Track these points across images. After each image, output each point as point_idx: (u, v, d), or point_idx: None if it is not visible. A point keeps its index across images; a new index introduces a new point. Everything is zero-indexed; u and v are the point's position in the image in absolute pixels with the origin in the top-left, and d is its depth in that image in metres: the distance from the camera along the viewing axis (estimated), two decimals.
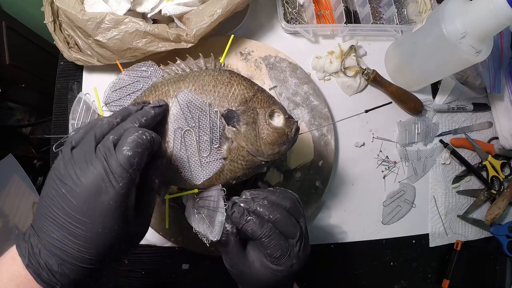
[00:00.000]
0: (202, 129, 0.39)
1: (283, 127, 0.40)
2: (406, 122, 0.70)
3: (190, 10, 0.56)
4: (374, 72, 0.68)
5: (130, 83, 0.44)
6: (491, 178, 0.72)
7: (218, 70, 0.43)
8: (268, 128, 0.40)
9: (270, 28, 0.69)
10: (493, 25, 0.49)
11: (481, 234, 0.73)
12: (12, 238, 0.89)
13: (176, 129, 0.39)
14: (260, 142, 0.40)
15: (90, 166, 0.30)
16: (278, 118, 0.41)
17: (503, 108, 0.72)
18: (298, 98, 0.64)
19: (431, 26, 0.57)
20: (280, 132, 0.40)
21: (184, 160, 0.39)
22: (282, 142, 0.40)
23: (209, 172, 0.40)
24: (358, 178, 0.67)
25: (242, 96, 0.40)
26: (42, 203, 0.31)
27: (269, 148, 0.40)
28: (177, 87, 0.41)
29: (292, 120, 0.42)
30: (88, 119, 0.46)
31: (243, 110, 0.40)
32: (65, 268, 0.30)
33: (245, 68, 0.64)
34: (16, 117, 1.02)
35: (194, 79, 0.41)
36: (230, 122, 0.39)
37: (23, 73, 0.94)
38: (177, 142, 0.39)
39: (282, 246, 0.37)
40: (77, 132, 0.33)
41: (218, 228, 0.37)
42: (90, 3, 0.55)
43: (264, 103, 0.41)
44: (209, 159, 0.39)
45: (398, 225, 0.68)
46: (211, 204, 0.39)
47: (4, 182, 0.88)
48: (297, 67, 0.65)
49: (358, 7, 0.72)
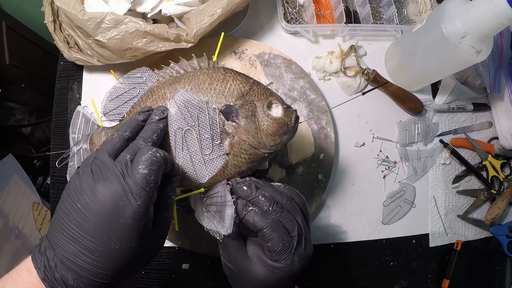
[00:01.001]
0: (202, 127, 0.39)
1: (282, 117, 0.40)
2: (406, 122, 0.70)
3: (190, 10, 0.56)
4: (374, 72, 0.68)
5: (126, 91, 0.44)
6: (491, 178, 0.72)
7: (212, 68, 0.43)
8: (268, 119, 0.40)
9: (270, 28, 0.69)
10: (493, 25, 0.49)
11: (481, 234, 0.73)
12: (12, 238, 0.89)
13: (177, 130, 0.39)
14: (261, 134, 0.40)
15: (107, 183, 0.30)
16: (277, 109, 0.41)
17: (503, 108, 0.72)
18: (295, 93, 0.64)
19: (431, 26, 0.57)
20: (280, 122, 0.40)
21: (188, 160, 0.39)
22: (283, 132, 0.40)
23: (214, 169, 0.40)
24: (358, 178, 0.67)
25: (239, 91, 0.40)
26: (58, 217, 0.31)
27: (270, 139, 0.40)
28: (173, 88, 0.41)
29: (290, 109, 0.42)
30: (88, 131, 0.46)
31: (241, 104, 0.40)
32: (81, 282, 0.30)
33: (240, 67, 0.64)
34: (16, 117, 1.02)
35: (189, 79, 0.41)
36: (230, 117, 0.39)
37: (23, 73, 0.95)
38: (179, 143, 0.39)
39: (284, 240, 0.36)
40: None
41: (229, 222, 0.37)
42: (90, 3, 0.55)
43: (261, 95, 0.41)
44: (212, 156, 0.39)
45: (398, 225, 0.68)
46: (219, 200, 0.39)
47: (4, 182, 0.88)
48: (291, 62, 0.65)
49: (358, 7, 0.72)
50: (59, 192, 0.63)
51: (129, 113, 0.43)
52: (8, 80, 0.89)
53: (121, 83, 0.44)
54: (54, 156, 0.64)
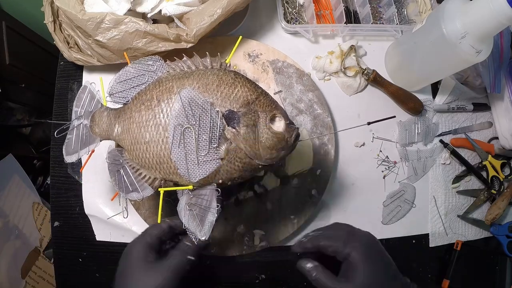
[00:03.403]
0: (202, 128, 0.39)
1: (283, 132, 0.40)
2: (406, 122, 0.70)
3: (190, 10, 0.56)
4: (374, 72, 0.68)
5: (135, 76, 0.43)
6: (491, 178, 0.72)
7: (224, 70, 0.42)
8: (268, 132, 0.40)
9: (270, 28, 0.69)
10: (493, 25, 0.49)
11: (481, 234, 0.73)
12: (12, 238, 0.89)
13: (177, 126, 0.39)
14: (258, 145, 0.39)
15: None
16: (279, 123, 0.41)
17: (503, 108, 0.72)
18: (302, 105, 0.64)
19: (431, 26, 0.57)
20: (279, 137, 0.40)
21: (182, 157, 0.39)
22: (281, 147, 0.40)
23: (206, 171, 0.40)
24: (358, 178, 0.67)
25: (245, 98, 0.40)
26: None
27: (267, 152, 0.40)
28: (181, 83, 0.41)
29: (293, 127, 0.41)
30: (92, 108, 0.46)
31: (244, 112, 0.39)
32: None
33: (252, 70, 0.64)
34: (16, 117, 1.02)
35: (199, 77, 0.41)
36: (231, 123, 0.39)
37: (23, 73, 0.95)
38: (176, 138, 0.39)
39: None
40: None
41: (208, 228, 0.38)
42: (90, 3, 0.55)
43: (266, 106, 0.41)
44: (207, 158, 0.39)
45: (398, 225, 0.68)
46: (204, 203, 0.39)
47: (4, 182, 0.88)
48: (303, 74, 0.65)
49: (358, 7, 0.72)
50: (59, 192, 0.64)
51: (134, 98, 0.43)
52: (8, 80, 0.89)
53: (132, 67, 0.44)
54: (54, 156, 0.65)
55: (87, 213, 0.62)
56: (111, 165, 0.43)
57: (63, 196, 0.64)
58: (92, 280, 0.63)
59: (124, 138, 0.42)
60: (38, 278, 0.94)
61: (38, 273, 0.94)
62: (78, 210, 0.63)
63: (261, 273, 0.63)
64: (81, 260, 0.63)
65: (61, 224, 0.63)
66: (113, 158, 0.43)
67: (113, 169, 0.42)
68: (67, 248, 0.63)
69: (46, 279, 0.96)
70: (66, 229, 0.63)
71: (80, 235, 0.63)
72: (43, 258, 0.97)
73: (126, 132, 0.42)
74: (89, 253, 0.63)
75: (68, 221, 0.63)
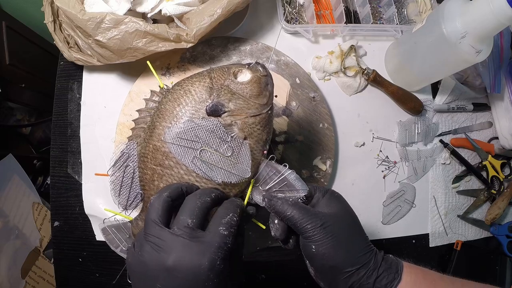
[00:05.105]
0: (208, 139, 0.39)
1: (252, 76, 0.42)
2: (406, 122, 0.70)
3: (190, 10, 0.56)
4: (374, 72, 0.68)
5: (123, 177, 0.43)
6: (491, 178, 0.72)
7: (168, 91, 0.43)
8: (245, 86, 0.41)
9: (270, 28, 0.69)
10: (493, 25, 0.49)
11: (481, 234, 0.73)
12: (12, 238, 0.89)
13: (193, 160, 0.39)
14: (251, 101, 0.41)
15: (177, 256, 0.31)
16: (243, 74, 0.43)
17: (503, 108, 0.72)
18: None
19: (431, 26, 0.57)
20: (254, 80, 0.42)
21: (223, 173, 0.40)
22: (264, 85, 0.42)
23: (246, 160, 0.40)
24: (358, 178, 0.67)
25: (205, 88, 0.41)
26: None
27: (261, 98, 0.42)
28: (156, 137, 0.41)
29: (253, 65, 0.43)
30: (128, 234, 0.46)
31: (216, 95, 0.41)
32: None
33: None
34: (16, 117, 1.02)
35: (160, 116, 0.41)
36: (219, 112, 0.40)
37: (23, 73, 0.94)
38: (204, 168, 0.39)
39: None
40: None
41: (299, 184, 0.40)
42: (90, 3, 0.55)
43: (223, 75, 0.42)
44: (236, 151, 0.40)
45: (398, 225, 0.68)
46: (274, 176, 0.41)
47: (4, 182, 0.88)
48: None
49: (358, 7, 0.72)
50: (59, 192, 0.64)
51: (143, 190, 0.43)
52: (8, 80, 0.89)
53: (113, 173, 0.43)
54: (54, 156, 0.65)
55: (87, 213, 0.62)
56: None
57: (63, 196, 0.63)
58: (92, 280, 0.63)
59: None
60: (38, 278, 0.94)
61: (38, 273, 0.94)
62: (78, 210, 0.63)
63: (261, 273, 0.63)
64: (81, 260, 0.63)
65: (61, 224, 0.63)
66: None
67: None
68: (67, 248, 0.63)
69: (46, 279, 0.96)
70: (66, 229, 0.63)
71: (80, 235, 0.63)
72: (43, 258, 0.97)
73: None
74: (89, 253, 0.63)
75: (68, 221, 0.63)
